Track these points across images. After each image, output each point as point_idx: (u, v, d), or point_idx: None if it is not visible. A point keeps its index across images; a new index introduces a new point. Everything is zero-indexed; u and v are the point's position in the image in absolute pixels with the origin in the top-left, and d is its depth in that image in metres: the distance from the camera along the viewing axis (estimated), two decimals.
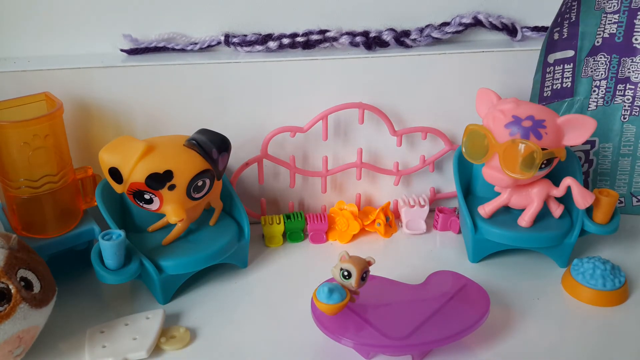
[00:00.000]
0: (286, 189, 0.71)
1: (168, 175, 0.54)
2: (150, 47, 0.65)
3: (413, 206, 0.70)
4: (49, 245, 0.58)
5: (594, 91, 0.68)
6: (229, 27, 0.66)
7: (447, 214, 0.71)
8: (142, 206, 0.56)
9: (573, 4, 0.64)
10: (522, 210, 0.62)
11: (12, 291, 0.46)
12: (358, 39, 0.66)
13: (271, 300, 0.59)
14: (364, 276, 0.50)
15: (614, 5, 0.65)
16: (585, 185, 0.72)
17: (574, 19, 0.65)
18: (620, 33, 0.66)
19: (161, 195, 0.54)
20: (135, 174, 0.53)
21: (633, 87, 0.68)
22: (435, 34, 0.66)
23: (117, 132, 0.64)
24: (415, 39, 0.66)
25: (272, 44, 0.65)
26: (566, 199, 0.62)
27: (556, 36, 0.65)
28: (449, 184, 0.74)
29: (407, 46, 0.67)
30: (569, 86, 0.67)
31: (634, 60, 0.67)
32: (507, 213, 0.64)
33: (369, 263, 0.51)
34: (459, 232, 0.70)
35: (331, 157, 0.70)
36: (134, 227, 0.62)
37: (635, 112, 0.69)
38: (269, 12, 0.65)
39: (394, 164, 0.71)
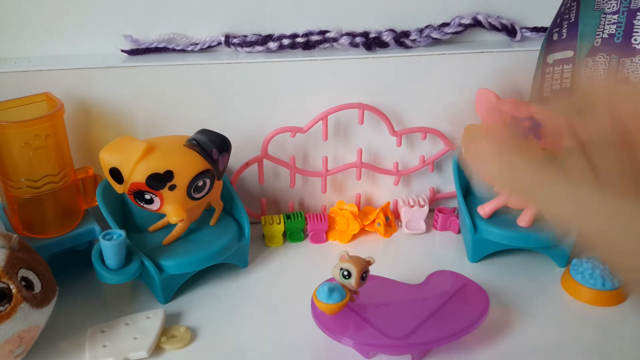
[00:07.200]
0: (286, 189, 0.71)
1: (168, 175, 0.54)
2: (151, 48, 0.65)
3: (413, 206, 0.70)
4: (50, 245, 0.58)
5: None
6: (229, 28, 0.66)
7: (446, 214, 0.71)
8: (142, 206, 0.56)
9: (572, 4, 0.64)
10: (522, 210, 0.63)
11: (13, 291, 0.46)
12: (358, 39, 0.66)
13: (271, 300, 0.59)
14: (363, 276, 0.50)
15: (613, 6, 0.65)
16: None
17: (573, 20, 0.65)
18: (619, 34, 0.66)
19: (162, 195, 0.55)
20: (136, 174, 0.53)
21: None
22: (435, 35, 0.67)
23: (117, 132, 0.64)
24: (415, 40, 0.67)
25: (272, 45, 0.65)
26: None
27: (555, 37, 0.65)
28: (448, 184, 0.74)
29: (407, 47, 0.67)
30: (568, 87, 0.68)
31: (633, 61, 0.67)
32: (507, 213, 0.64)
33: (368, 263, 0.51)
34: (459, 232, 0.70)
35: (331, 157, 0.70)
36: (134, 227, 0.62)
37: None
38: (269, 12, 0.66)
39: (394, 164, 0.71)
